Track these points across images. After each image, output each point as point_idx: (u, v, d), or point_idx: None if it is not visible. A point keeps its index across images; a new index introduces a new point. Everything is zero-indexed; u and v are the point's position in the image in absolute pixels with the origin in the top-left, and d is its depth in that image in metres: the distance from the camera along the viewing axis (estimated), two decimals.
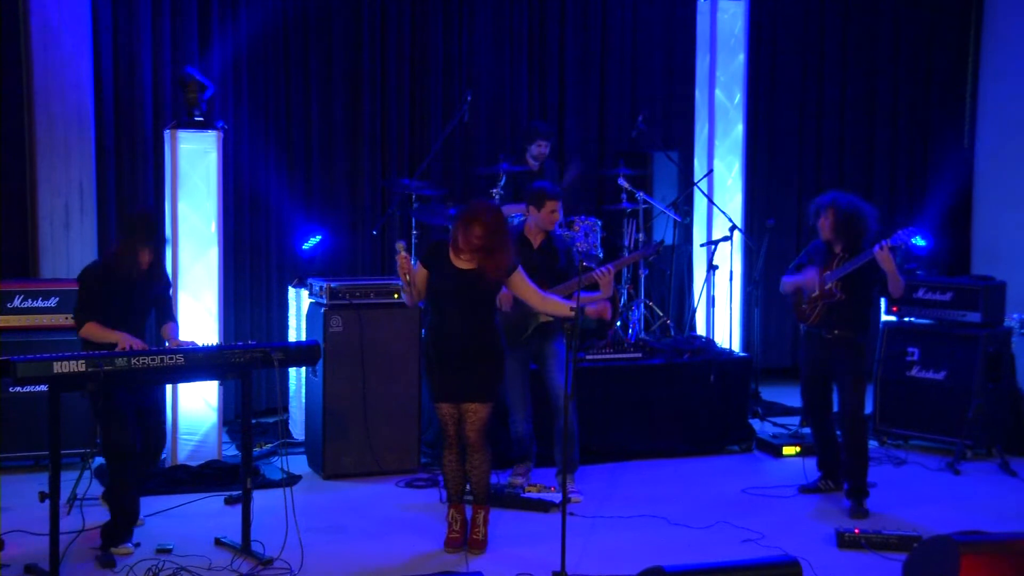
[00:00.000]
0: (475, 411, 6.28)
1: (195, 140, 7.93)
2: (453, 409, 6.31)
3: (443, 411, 6.35)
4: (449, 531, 6.45)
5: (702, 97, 10.55)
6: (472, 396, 6.26)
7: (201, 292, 7.97)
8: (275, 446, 8.26)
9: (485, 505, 6.45)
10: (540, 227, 7.35)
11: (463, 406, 6.29)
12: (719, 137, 10.44)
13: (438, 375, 6.29)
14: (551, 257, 7.32)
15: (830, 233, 7.15)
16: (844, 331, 7.15)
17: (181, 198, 7.90)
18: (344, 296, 7.74)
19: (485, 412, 6.29)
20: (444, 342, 6.22)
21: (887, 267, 6.93)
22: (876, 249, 6.91)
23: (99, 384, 5.79)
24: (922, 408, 8.57)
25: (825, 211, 7.15)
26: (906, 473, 8.10)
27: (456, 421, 6.33)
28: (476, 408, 6.28)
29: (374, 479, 7.67)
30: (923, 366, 8.60)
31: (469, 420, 6.30)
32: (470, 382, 6.23)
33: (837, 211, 7.12)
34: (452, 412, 6.32)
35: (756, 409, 9.41)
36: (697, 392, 8.53)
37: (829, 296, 7.13)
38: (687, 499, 7.41)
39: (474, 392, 6.25)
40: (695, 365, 8.61)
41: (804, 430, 8.67)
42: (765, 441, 8.61)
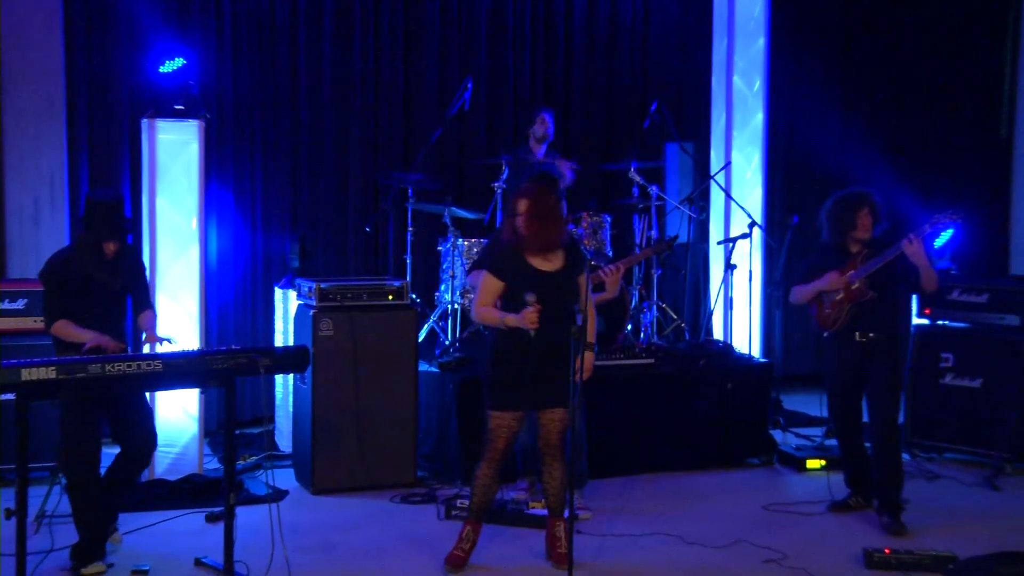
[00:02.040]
0: (560, 417, 6.31)
1: (175, 130, 7.90)
2: (516, 421, 6.27)
3: (504, 421, 6.27)
4: (456, 548, 6.38)
5: (719, 84, 10.52)
6: (558, 401, 6.27)
7: (181, 294, 7.94)
8: (260, 459, 8.24)
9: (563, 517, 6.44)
10: None
11: (545, 414, 6.29)
12: (737, 127, 10.42)
13: (513, 383, 6.22)
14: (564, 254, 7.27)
15: (870, 231, 7.11)
16: (879, 333, 7.11)
17: (160, 192, 7.87)
18: (335, 297, 7.71)
19: (566, 417, 6.31)
20: (528, 348, 6.12)
21: (918, 260, 6.90)
22: (904, 242, 6.87)
23: (71, 392, 5.75)
24: (957, 419, 8.54)
25: (859, 207, 7.09)
26: (940, 489, 8.06)
27: (513, 434, 6.29)
28: (561, 414, 6.30)
29: (367, 494, 7.64)
30: (958, 373, 8.56)
31: (554, 428, 6.32)
32: (556, 387, 6.21)
33: (874, 205, 7.10)
34: (513, 424, 6.27)
35: (777, 419, 9.38)
36: (714, 401, 8.49)
37: (859, 295, 7.09)
38: (704, 516, 7.37)
39: (560, 397, 6.24)
40: (712, 372, 8.57)
41: (830, 442, 8.62)
42: (787, 454, 8.58)
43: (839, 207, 7.18)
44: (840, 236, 7.18)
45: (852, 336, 7.17)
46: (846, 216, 7.13)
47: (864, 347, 7.13)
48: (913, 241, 6.87)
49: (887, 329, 7.13)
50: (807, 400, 10.11)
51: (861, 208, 7.10)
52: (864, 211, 7.09)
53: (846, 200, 7.18)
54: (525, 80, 10.43)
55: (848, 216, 7.12)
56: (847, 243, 7.17)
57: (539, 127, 9.45)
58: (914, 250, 6.88)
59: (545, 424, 6.32)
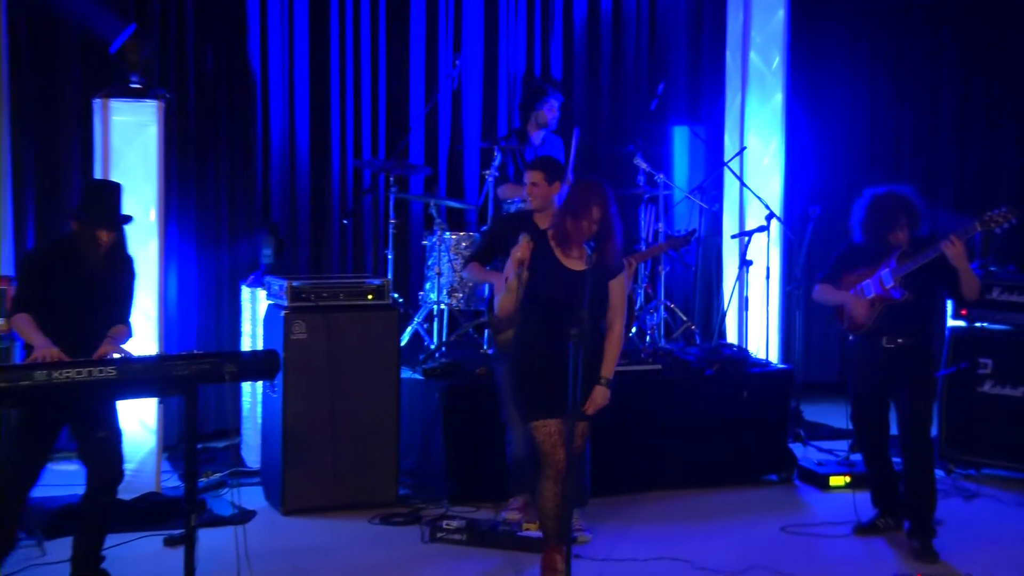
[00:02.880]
0: (584, 431, 6.46)
1: (131, 111, 7.87)
2: (561, 426, 6.25)
3: (549, 430, 6.24)
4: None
5: (734, 61, 10.50)
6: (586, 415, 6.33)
7: (138, 293, 7.81)
8: (225, 476, 8.20)
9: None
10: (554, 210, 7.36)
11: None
12: (754, 109, 10.40)
13: (547, 389, 6.19)
14: None
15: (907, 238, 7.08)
16: (910, 338, 7.09)
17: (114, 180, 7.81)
18: (309, 297, 7.69)
19: (586, 431, 6.51)
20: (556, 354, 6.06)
21: (959, 264, 6.85)
22: (944, 243, 6.83)
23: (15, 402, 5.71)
24: (997, 431, 8.52)
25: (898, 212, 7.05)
26: (978, 509, 8.05)
27: (564, 440, 6.24)
28: (582, 428, 6.41)
29: (343, 514, 7.61)
30: (998, 380, 8.54)
31: (579, 443, 6.45)
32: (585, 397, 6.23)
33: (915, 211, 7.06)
34: (560, 430, 6.24)
35: (798, 431, 9.37)
36: (727, 411, 8.47)
37: (890, 297, 7.06)
38: (714, 539, 7.35)
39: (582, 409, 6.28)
40: (725, 379, 8.56)
41: (855, 456, 8.61)
42: (808, 470, 8.56)
43: (875, 211, 7.12)
44: (877, 241, 7.15)
45: (880, 341, 7.15)
46: (883, 221, 7.09)
47: (893, 353, 7.11)
48: (955, 242, 6.82)
49: (918, 333, 7.11)
50: (830, 410, 10.10)
51: (899, 214, 7.06)
52: (903, 219, 7.06)
53: (884, 204, 7.11)
54: (520, 58, 10.40)
55: (885, 221, 7.08)
56: (883, 247, 7.14)
57: (547, 113, 9.37)
58: (955, 252, 6.82)
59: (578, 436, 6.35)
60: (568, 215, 6.24)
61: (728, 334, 9.96)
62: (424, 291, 9.12)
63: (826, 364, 11.19)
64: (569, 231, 6.24)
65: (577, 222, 6.21)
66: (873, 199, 7.15)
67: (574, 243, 6.25)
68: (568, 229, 6.24)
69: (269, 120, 9.66)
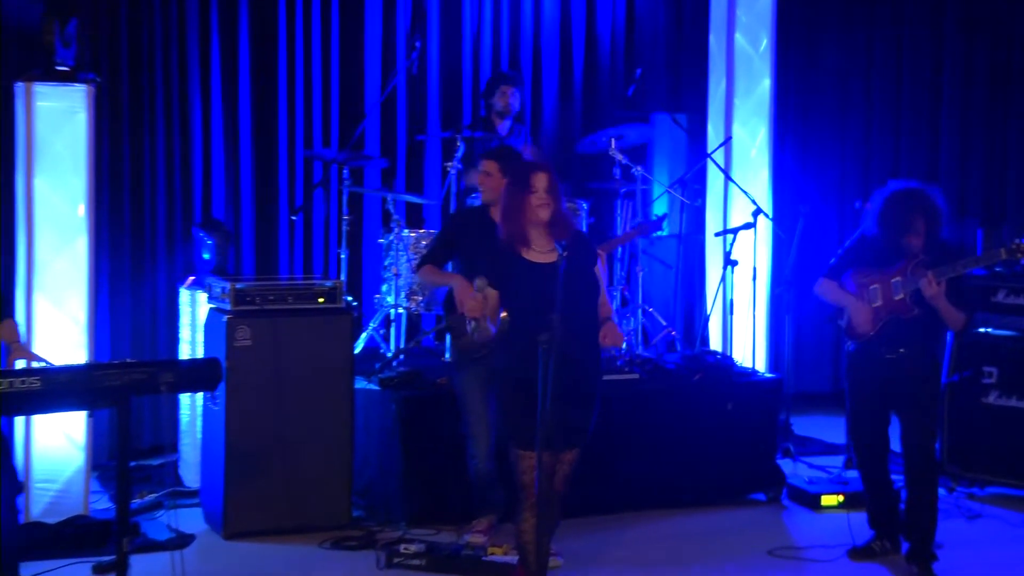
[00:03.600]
0: (570, 460, 6.25)
1: (58, 96, 7.82)
2: (551, 458, 6.06)
3: (532, 462, 6.04)
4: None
5: (718, 44, 10.51)
6: (575, 439, 6.16)
7: (65, 295, 7.86)
8: (161, 496, 8.17)
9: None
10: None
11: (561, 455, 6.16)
12: (740, 95, 10.41)
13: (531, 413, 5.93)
14: None
15: (923, 245, 7.09)
16: (911, 350, 7.12)
17: (38, 172, 7.79)
18: (254, 300, 7.67)
19: (576, 456, 6.27)
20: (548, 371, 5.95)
21: (937, 304, 6.93)
22: (923, 281, 6.89)
23: None
24: (1003, 445, 8.54)
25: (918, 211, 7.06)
26: (982, 530, 8.08)
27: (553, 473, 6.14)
28: (572, 456, 6.23)
29: (291, 539, 7.59)
30: (1004, 391, 8.57)
31: (562, 471, 6.22)
32: (574, 421, 6.10)
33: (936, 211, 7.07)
34: (549, 462, 6.04)
35: (787, 446, 9.39)
36: (710, 424, 8.49)
37: (901, 310, 7.07)
38: (696, 563, 7.36)
39: (579, 435, 6.16)
40: (708, 390, 8.57)
41: (850, 474, 8.63)
42: (798, 489, 8.58)
43: (894, 209, 7.12)
44: (890, 242, 7.16)
45: (881, 350, 7.17)
46: (900, 221, 7.09)
47: (894, 363, 7.14)
48: (931, 282, 6.86)
49: (921, 344, 7.14)
50: (823, 424, 10.14)
51: (920, 216, 7.07)
52: (921, 220, 7.06)
53: (904, 202, 7.11)
54: (486, 42, 10.40)
55: (903, 222, 7.09)
56: (897, 248, 7.16)
57: (499, 100, 9.44)
58: (932, 293, 6.89)
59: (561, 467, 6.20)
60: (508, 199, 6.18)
61: (711, 340, 9.97)
62: (380, 294, 9.10)
63: (818, 373, 11.21)
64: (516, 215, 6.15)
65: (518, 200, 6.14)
66: (894, 195, 7.15)
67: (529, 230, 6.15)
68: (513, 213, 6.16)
69: (210, 107, 9.61)
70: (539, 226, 6.15)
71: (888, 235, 7.13)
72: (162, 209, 9.47)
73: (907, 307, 7.06)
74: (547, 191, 6.09)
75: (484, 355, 7.27)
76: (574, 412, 6.08)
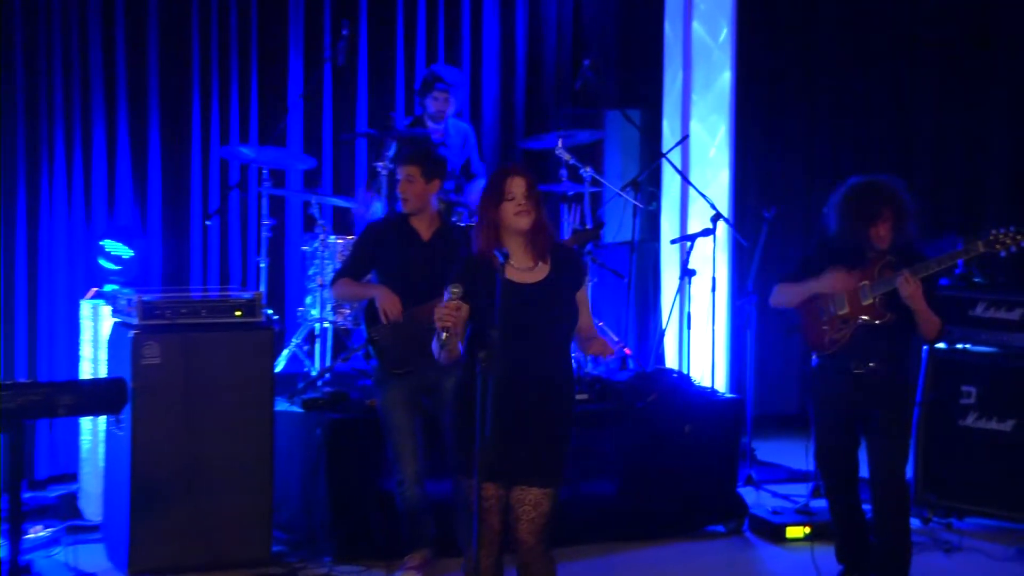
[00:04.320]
0: (535, 502, 5.94)
1: None
2: (501, 492, 6.00)
3: (486, 493, 6.05)
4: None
5: (674, 33, 10.57)
6: (535, 477, 5.91)
7: None
8: (59, 531, 8.09)
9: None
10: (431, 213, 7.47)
11: (516, 493, 5.95)
12: (698, 90, 10.47)
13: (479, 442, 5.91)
14: (451, 253, 7.25)
15: (891, 235, 7.08)
16: (883, 364, 7.13)
17: None
18: (164, 314, 7.63)
19: (551, 504, 5.97)
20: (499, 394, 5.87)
21: (915, 305, 6.88)
22: (899, 279, 6.86)
23: None
24: (983, 472, 8.59)
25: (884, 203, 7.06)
26: (960, 565, 8.11)
27: (503, 509, 6.00)
28: (537, 497, 5.94)
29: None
30: (983, 412, 8.62)
31: (525, 515, 5.94)
32: (536, 455, 5.90)
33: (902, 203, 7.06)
34: (499, 495, 5.97)
35: (749, 473, 9.43)
36: (666, 450, 8.50)
37: (871, 315, 7.08)
38: None
39: (541, 471, 5.91)
40: (663, 411, 8.57)
41: (817, 503, 8.65)
42: (761, 520, 8.61)
43: (855, 200, 7.12)
44: (853, 236, 7.14)
45: (848, 365, 7.17)
46: (864, 212, 7.08)
47: (863, 380, 7.14)
48: (909, 280, 6.84)
49: (893, 359, 7.14)
50: (788, 448, 10.16)
51: (885, 205, 7.07)
52: (888, 210, 7.06)
53: (867, 191, 7.10)
54: (420, 31, 10.39)
55: (867, 212, 7.07)
56: (863, 245, 7.14)
57: (431, 104, 9.41)
58: (909, 292, 6.84)
59: (514, 506, 5.96)
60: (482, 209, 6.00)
61: (667, 357, 9.99)
62: (304, 306, 9.09)
63: (783, 393, 11.26)
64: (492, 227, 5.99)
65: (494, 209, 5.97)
66: (856, 185, 7.13)
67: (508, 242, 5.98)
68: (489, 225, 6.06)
69: (116, 101, 9.56)
70: (519, 237, 6.04)
71: (851, 230, 7.08)
72: (60, 213, 9.41)
73: (878, 312, 7.06)
74: (526, 197, 5.97)
75: (408, 370, 7.31)
76: (536, 446, 6.00)
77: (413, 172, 7.38)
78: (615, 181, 10.15)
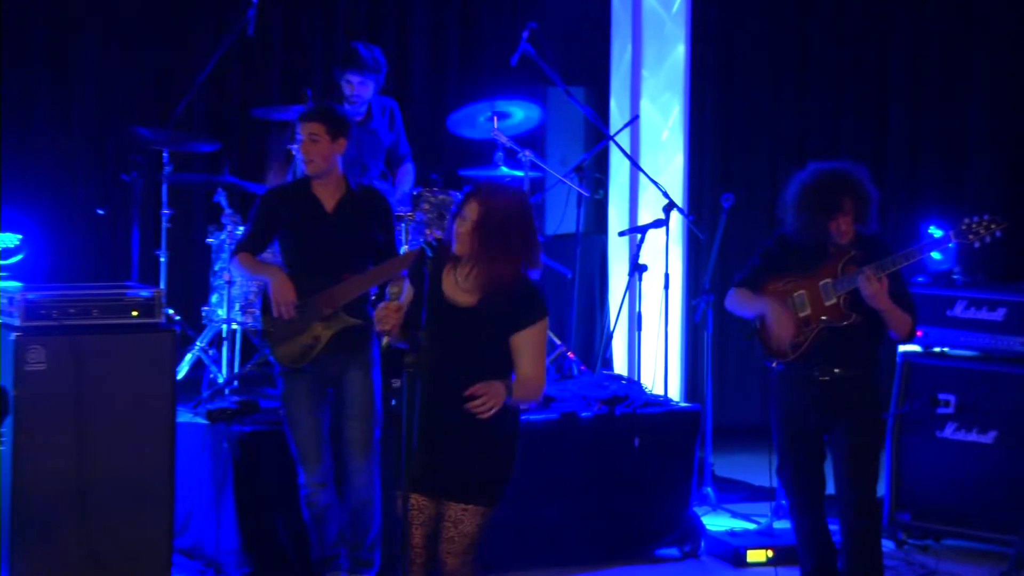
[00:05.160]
0: (456, 519, 5.98)
1: None
2: (429, 506, 6.04)
3: (413, 504, 6.03)
4: None
5: (622, 4, 10.58)
6: (455, 491, 5.96)
7: None
8: None
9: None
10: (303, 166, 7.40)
11: (440, 508, 5.98)
12: (649, 65, 10.49)
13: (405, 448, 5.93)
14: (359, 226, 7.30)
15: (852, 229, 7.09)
16: (849, 369, 7.15)
17: None
18: (50, 314, 7.58)
19: (474, 524, 6.01)
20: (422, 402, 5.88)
21: (880, 305, 6.90)
22: (860, 277, 6.87)
23: None
24: (961, 489, 8.65)
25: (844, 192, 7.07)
26: None
27: (429, 524, 6.01)
28: (457, 514, 5.98)
29: None
30: (963, 423, 8.68)
31: (445, 533, 5.98)
32: (458, 466, 5.95)
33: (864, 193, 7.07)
34: (428, 510, 6.02)
35: (705, 491, 9.44)
36: (613, 465, 8.55)
37: (835, 317, 7.10)
38: None
39: (462, 485, 5.96)
40: (610, 423, 8.61)
41: (780, 523, 8.70)
42: (719, 541, 8.66)
43: (814, 189, 7.12)
44: (812, 231, 7.15)
45: (812, 372, 7.19)
46: (823, 204, 7.09)
47: (828, 388, 7.16)
48: (870, 279, 6.86)
49: (861, 364, 7.17)
50: (749, 463, 10.20)
51: (846, 196, 7.08)
52: (849, 201, 7.08)
53: (826, 181, 7.12)
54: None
55: (826, 204, 7.08)
56: (823, 240, 7.15)
57: (346, 87, 9.36)
58: (872, 291, 6.86)
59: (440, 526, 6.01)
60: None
61: (615, 362, 10.00)
62: (209, 305, 9.08)
63: (744, 402, 11.30)
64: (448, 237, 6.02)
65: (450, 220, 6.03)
66: (814, 173, 7.12)
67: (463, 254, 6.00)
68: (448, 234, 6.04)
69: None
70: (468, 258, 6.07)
71: (810, 223, 7.07)
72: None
73: (843, 313, 7.08)
74: (473, 226, 5.92)
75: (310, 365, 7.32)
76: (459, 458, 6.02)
77: (317, 130, 7.31)
78: (557, 166, 10.15)
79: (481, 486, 5.97)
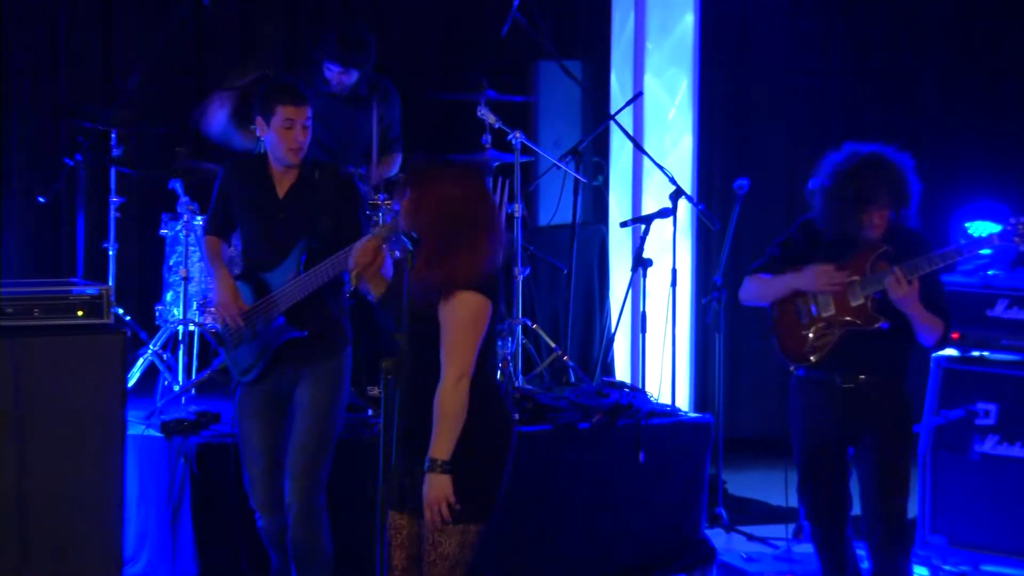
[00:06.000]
0: (433, 541, 5.95)
1: None
2: (407, 525, 6.04)
3: (392, 523, 6.03)
4: None
5: None
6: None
7: None
8: None
9: None
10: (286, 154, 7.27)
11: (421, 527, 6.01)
12: (653, 37, 10.50)
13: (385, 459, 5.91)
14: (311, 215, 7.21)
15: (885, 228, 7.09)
16: (876, 377, 7.18)
17: None
18: None
19: (453, 545, 5.97)
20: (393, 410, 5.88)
21: (910, 309, 6.92)
22: (889, 278, 6.86)
23: None
24: (1003, 509, 8.66)
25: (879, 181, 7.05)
26: None
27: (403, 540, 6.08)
28: (435, 537, 5.94)
29: None
30: (1006, 435, 8.68)
31: (426, 556, 5.97)
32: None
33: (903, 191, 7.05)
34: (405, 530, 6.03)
35: (717, 511, 9.46)
36: (616, 483, 8.57)
37: (861, 320, 7.10)
38: None
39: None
40: (612, 436, 8.63)
41: (801, 546, 8.72)
42: (733, 568, 8.70)
43: (851, 178, 7.11)
44: (841, 221, 7.15)
45: (834, 378, 7.20)
46: (857, 195, 7.08)
47: (853, 396, 7.18)
48: (899, 280, 6.87)
49: (889, 369, 7.18)
50: (764, 480, 10.21)
51: (884, 189, 7.07)
52: (886, 195, 7.06)
53: (864, 169, 7.10)
54: None
55: (861, 196, 7.07)
56: (852, 232, 7.14)
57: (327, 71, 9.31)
58: (900, 294, 6.88)
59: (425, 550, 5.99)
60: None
61: (616, 368, 10.01)
62: (163, 304, 9.07)
63: (760, 412, 11.31)
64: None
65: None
66: (850, 157, 7.10)
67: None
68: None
69: None
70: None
71: (840, 214, 7.10)
72: None
73: (869, 316, 7.09)
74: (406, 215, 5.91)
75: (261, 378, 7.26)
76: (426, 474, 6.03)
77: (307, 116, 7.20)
78: (549, 149, 10.15)
79: (459, 502, 5.91)
